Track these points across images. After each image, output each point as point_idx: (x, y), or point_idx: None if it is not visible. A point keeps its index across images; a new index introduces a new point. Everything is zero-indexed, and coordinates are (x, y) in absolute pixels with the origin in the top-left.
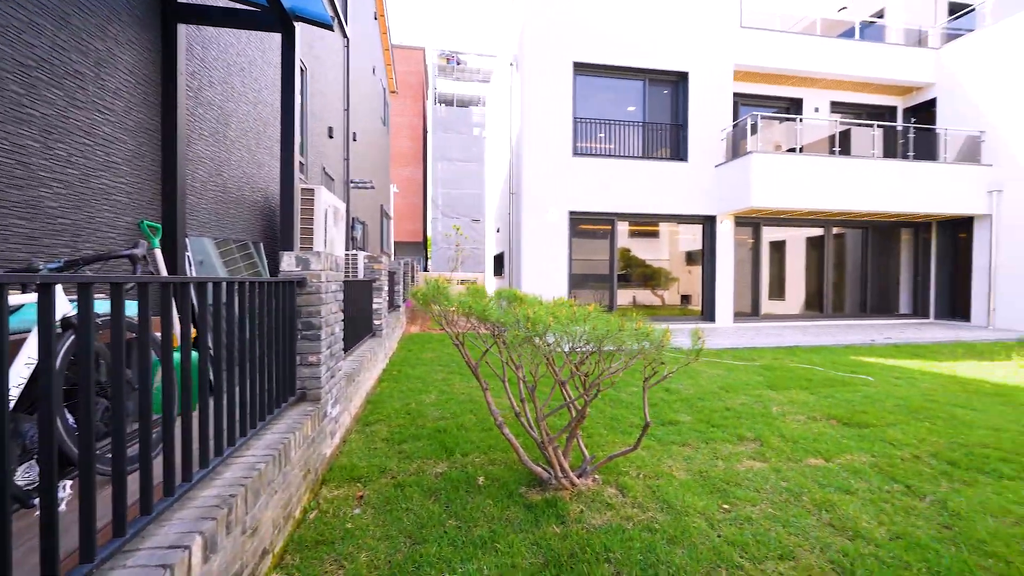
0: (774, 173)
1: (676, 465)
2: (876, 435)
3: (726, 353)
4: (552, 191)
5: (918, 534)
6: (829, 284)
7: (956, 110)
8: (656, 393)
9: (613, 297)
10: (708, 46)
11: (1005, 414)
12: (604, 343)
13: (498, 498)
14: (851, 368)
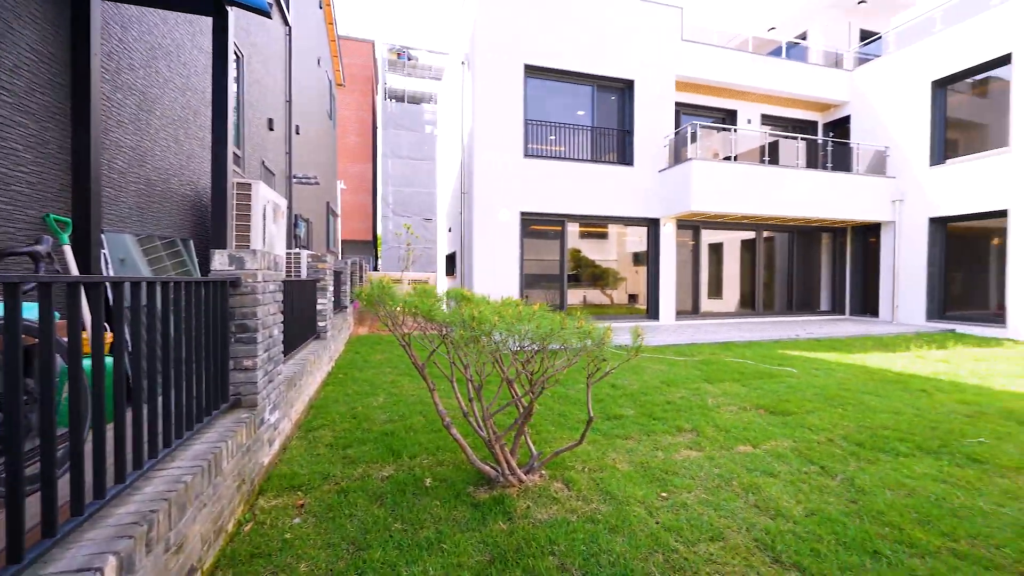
0: (712, 179)
1: (619, 457)
2: (797, 422)
3: (668, 349)
4: (503, 191)
5: (829, 510)
6: (760, 284)
7: (866, 127)
8: (602, 389)
9: (563, 297)
10: (652, 57)
11: (903, 399)
12: (548, 341)
13: (445, 499)
14: (778, 361)
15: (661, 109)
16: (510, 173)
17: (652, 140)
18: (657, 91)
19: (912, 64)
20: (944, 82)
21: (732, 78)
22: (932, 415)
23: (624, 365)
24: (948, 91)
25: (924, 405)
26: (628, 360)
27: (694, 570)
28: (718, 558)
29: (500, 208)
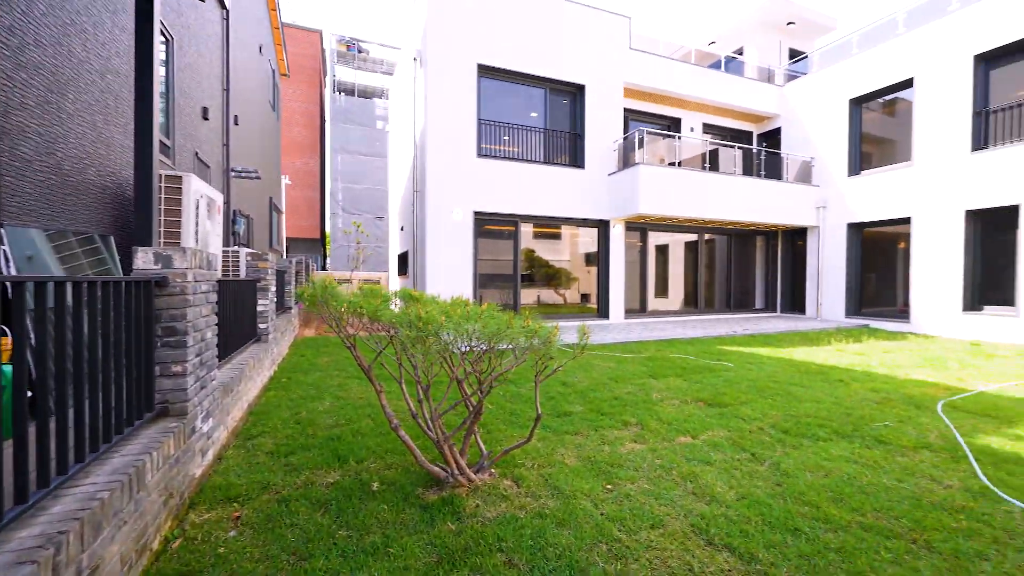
0: (658, 183)
1: (568, 453)
2: (732, 413)
3: (617, 347)
4: (457, 191)
5: (758, 493)
6: (702, 283)
7: (795, 138)
8: (553, 387)
9: (517, 297)
10: (602, 63)
11: (824, 388)
12: (495, 340)
13: (393, 502)
14: (717, 356)
15: (610, 114)
16: (463, 172)
17: (602, 144)
18: (607, 97)
19: (833, 83)
20: (859, 100)
21: (676, 88)
22: (847, 403)
23: (575, 363)
24: (863, 109)
25: (841, 394)
26: (575, 358)
27: (635, 557)
28: (657, 544)
29: (453, 207)
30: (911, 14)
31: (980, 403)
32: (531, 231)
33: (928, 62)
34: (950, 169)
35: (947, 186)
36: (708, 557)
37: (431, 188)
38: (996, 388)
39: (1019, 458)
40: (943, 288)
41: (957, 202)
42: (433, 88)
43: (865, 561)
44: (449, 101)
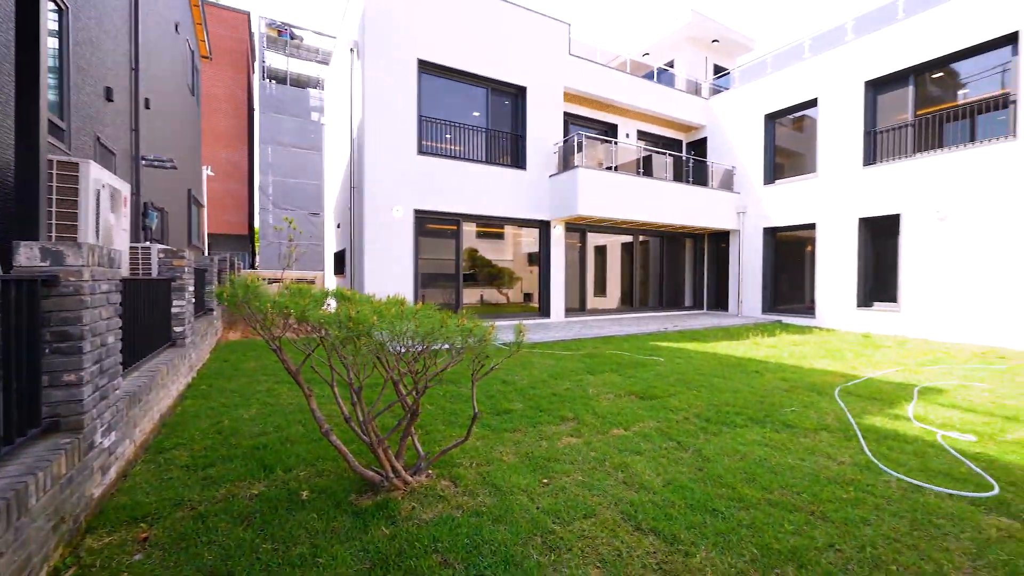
0: (596, 186)
1: (507, 450)
2: (662, 404)
3: (557, 345)
4: (397, 188)
5: (682, 478)
6: (637, 283)
7: (719, 148)
8: (494, 385)
9: (459, 296)
10: (543, 67)
11: (742, 379)
12: (430, 340)
13: (324, 510)
14: (649, 352)
15: (551, 117)
16: (404, 169)
17: (543, 146)
18: (547, 100)
19: (751, 98)
20: (773, 116)
21: (613, 95)
22: (761, 391)
23: (516, 361)
24: (776, 123)
25: (756, 384)
26: (511, 356)
27: (568, 547)
28: (590, 533)
29: (393, 205)
30: (815, 40)
31: (868, 388)
32: (474, 231)
33: (829, 85)
34: (846, 181)
35: (844, 196)
36: (636, 542)
37: (369, 185)
38: (881, 374)
39: (896, 434)
40: (842, 287)
41: (852, 210)
42: (371, 81)
43: (771, 534)
44: (388, 96)
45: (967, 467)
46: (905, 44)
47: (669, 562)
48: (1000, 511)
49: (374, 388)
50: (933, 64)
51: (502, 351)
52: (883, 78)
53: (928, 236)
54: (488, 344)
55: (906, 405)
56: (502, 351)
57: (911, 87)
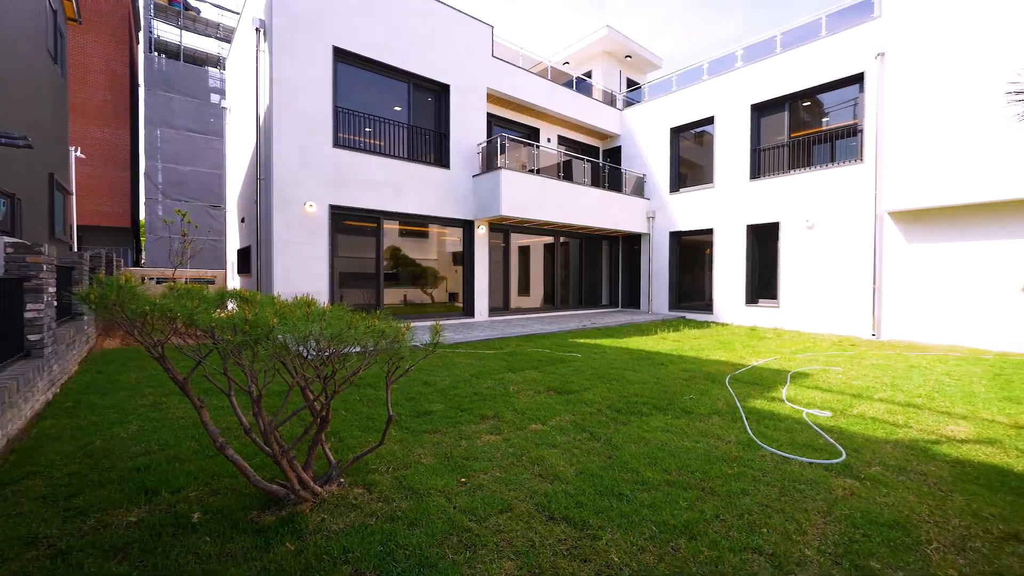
0: (518, 188)
1: (425, 452)
2: (578, 398)
3: (481, 344)
4: (310, 182)
5: (593, 467)
6: (558, 283)
7: (632, 156)
8: (415, 387)
9: (380, 296)
10: (467, 66)
11: (649, 371)
12: (338, 343)
13: (219, 532)
14: (568, 348)
15: (475, 117)
16: (318, 162)
17: (467, 145)
18: (471, 100)
19: (658, 112)
20: (677, 130)
21: (535, 100)
22: (665, 382)
23: (438, 362)
24: (680, 137)
25: (662, 375)
26: (428, 357)
27: (483, 543)
28: (505, 527)
29: (306, 200)
30: (712, 64)
31: (753, 375)
32: (397, 229)
33: (723, 105)
34: (737, 192)
35: (735, 205)
36: (548, 531)
37: (279, 177)
38: (763, 363)
39: (772, 414)
40: (734, 286)
41: (741, 218)
42: (280, 66)
43: (668, 511)
44: (300, 83)
45: (824, 439)
46: (781, 75)
47: (579, 547)
48: (846, 474)
49: (280, 395)
50: (803, 94)
51: (418, 352)
52: (765, 103)
53: (800, 242)
54: (403, 345)
55: (781, 389)
56: (418, 352)
57: (786, 112)
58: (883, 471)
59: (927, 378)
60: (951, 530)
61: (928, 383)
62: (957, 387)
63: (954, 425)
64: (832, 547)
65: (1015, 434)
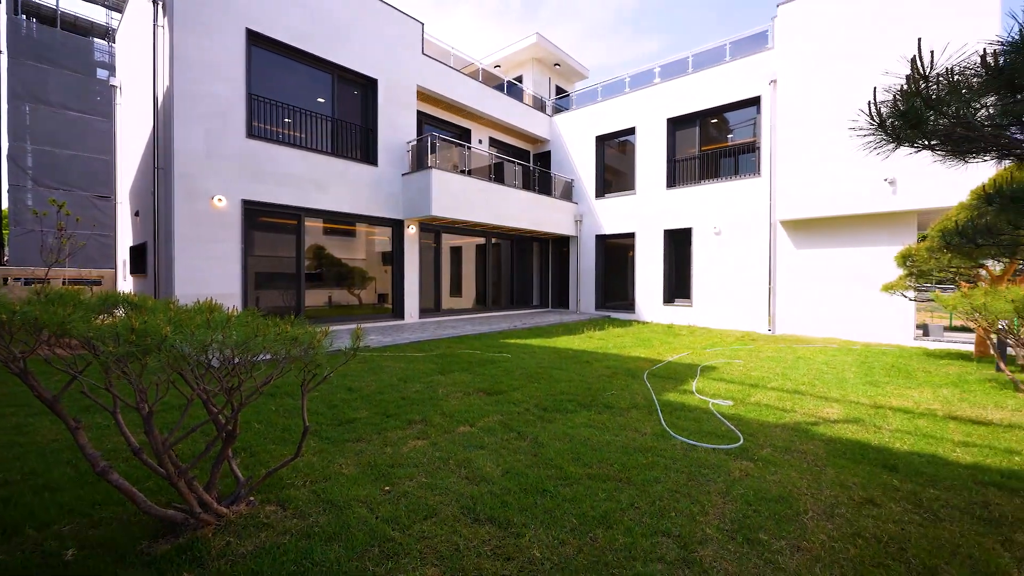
0: (449, 188)
1: (347, 462)
2: (506, 399)
3: (410, 347)
4: (219, 173)
5: (519, 466)
6: (490, 284)
7: (561, 161)
8: (338, 394)
9: (301, 299)
10: (396, 62)
11: (576, 369)
12: (244, 352)
13: (99, 569)
14: (499, 349)
15: (404, 115)
16: (229, 153)
17: (396, 143)
18: (400, 96)
19: (585, 120)
20: (603, 138)
21: (467, 101)
22: (590, 379)
23: (365, 366)
24: (605, 145)
25: (587, 372)
26: (347, 363)
27: (407, 552)
28: (430, 533)
29: (214, 193)
30: (633, 78)
31: (668, 370)
32: (321, 227)
33: (643, 117)
34: (656, 199)
35: (654, 211)
36: (473, 533)
37: (182, 167)
38: (677, 358)
39: (683, 405)
40: (653, 287)
41: (659, 223)
42: (183, 44)
43: (588, 503)
44: (208, 65)
45: (726, 426)
46: (693, 93)
47: (503, 547)
48: (743, 457)
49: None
50: (711, 112)
51: (338, 358)
52: (679, 117)
53: (710, 247)
54: (318, 352)
55: (692, 381)
56: (338, 358)
57: (698, 127)
58: (772, 452)
59: (810, 367)
60: (823, 500)
61: (811, 372)
62: (833, 375)
63: (829, 408)
64: (729, 524)
65: (874, 413)
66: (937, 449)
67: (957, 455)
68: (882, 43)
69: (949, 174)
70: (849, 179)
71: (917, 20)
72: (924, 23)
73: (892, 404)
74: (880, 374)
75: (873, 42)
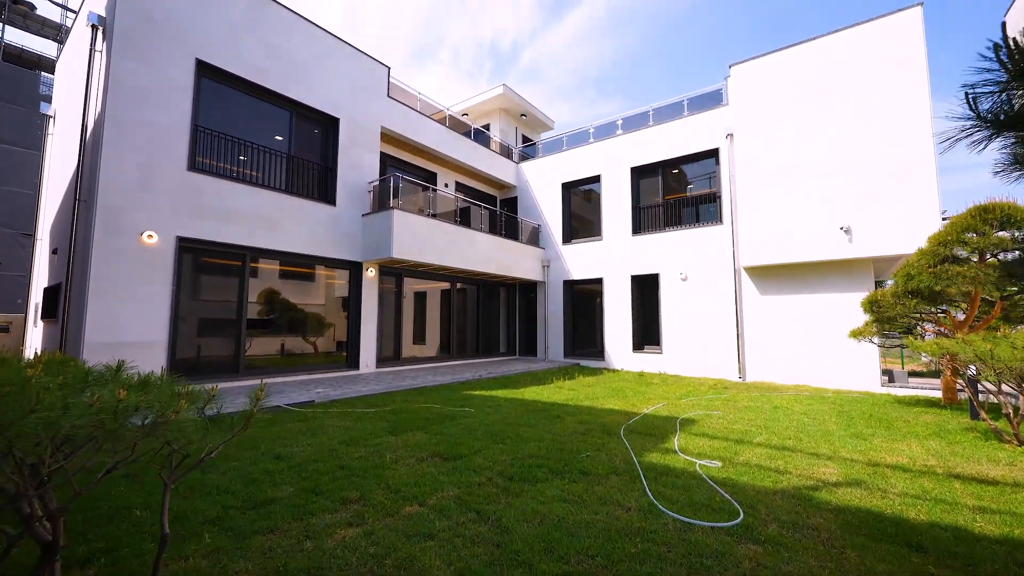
0: (411, 229)
1: (249, 566)
2: (466, 464)
3: (361, 401)
4: (154, 207)
5: (477, 563)
6: (455, 331)
7: (528, 207)
8: (261, 463)
9: (241, 347)
10: (360, 103)
11: (546, 426)
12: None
13: None
14: (461, 402)
15: (367, 155)
16: (167, 186)
17: (357, 183)
18: (363, 137)
19: (551, 168)
20: (568, 185)
21: (433, 144)
22: (562, 437)
23: (302, 427)
24: (571, 192)
25: (558, 429)
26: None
27: None
28: None
29: (144, 229)
30: (597, 129)
31: (645, 424)
32: (274, 269)
33: (607, 165)
34: (622, 245)
35: (621, 257)
36: None
37: (107, 198)
38: (652, 410)
39: (668, 469)
40: (622, 333)
41: (627, 269)
42: (122, 68)
43: None
44: (148, 92)
45: (720, 495)
46: (654, 144)
47: None
48: (748, 537)
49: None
50: (672, 162)
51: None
52: (642, 167)
53: (677, 292)
54: (179, 424)
55: (673, 438)
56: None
57: (660, 176)
58: (779, 530)
59: (791, 419)
60: None
61: (793, 424)
62: (816, 426)
63: (824, 468)
64: None
65: (872, 472)
66: (957, 519)
67: (980, 526)
68: (831, 95)
69: (901, 223)
70: (806, 228)
71: (853, 77)
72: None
73: (887, 461)
74: (862, 425)
75: (822, 96)
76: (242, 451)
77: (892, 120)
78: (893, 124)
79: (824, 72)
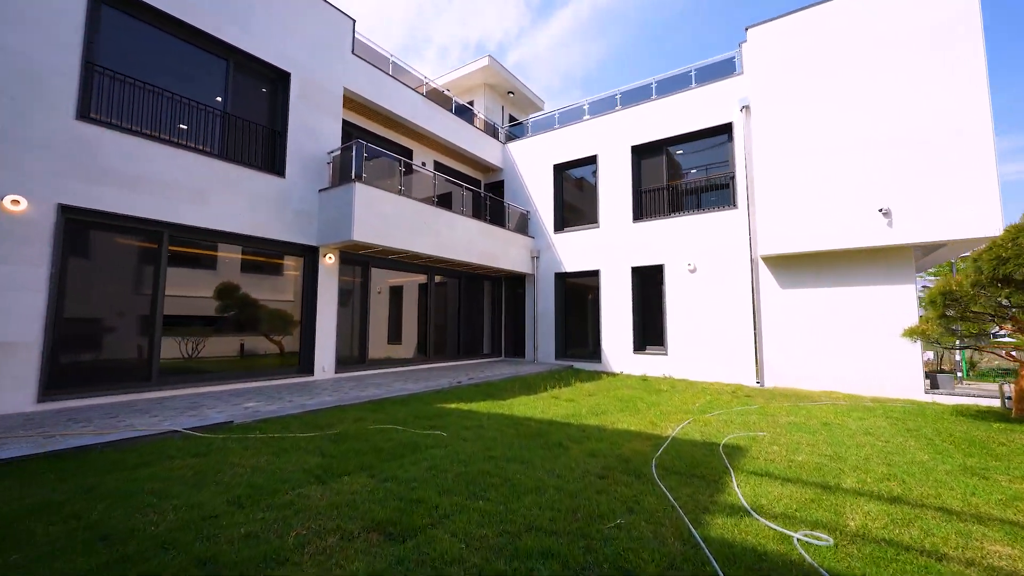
0: (378, 207)
1: None
2: (421, 550)
3: (299, 420)
4: (22, 165)
5: None
6: (432, 329)
7: (515, 192)
8: (63, 558)
9: (155, 347)
10: (316, 57)
11: (544, 461)
12: None
13: None
14: (431, 421)
15: (327, 120)
16: (45, 137)
17: (315, 153)
18: (321, 98)
19: (542, 149)
20: (561, 167)
21: (409, 115)
22: (571, 484)
23: (197, 463)
24: (564, 175)
25: (563, 468)
26: None
27: None
28: None
29: (6, 192)
30: (592, 105)
31: (679, 455)
32: (207, 254)
33: (605, 144)
34: (622, 232)
35: (621, 246)
36: None
37: None
38: (679, 431)
39: (753, 551)
40: (621, 332)
41: (627, 260)
42: None
43: None
44: (10, 8)
45: None
46: (658, 120)
47: None
48: None
49: None
50: (678, 139)
51: None
52: (644, 145)
53: (684, 286)
54: None
55: (729, 482)
56: None
57: (664, 157)
58: None
59: (856, 441)
60: None
61: (867, 451)
62: (900, 456)
63: (989, 544)
64: None
65: None
66: None
67: None
68: (871, 59)
69: (952, 203)
70: (837, 210)
71: (895, 39)
72: (902, 48)
73: None
74: (955, 451)
75: (859, 60)
76: (51, 523)
77: (944, 85)
78: (945, 89)
79: (862, 32)
